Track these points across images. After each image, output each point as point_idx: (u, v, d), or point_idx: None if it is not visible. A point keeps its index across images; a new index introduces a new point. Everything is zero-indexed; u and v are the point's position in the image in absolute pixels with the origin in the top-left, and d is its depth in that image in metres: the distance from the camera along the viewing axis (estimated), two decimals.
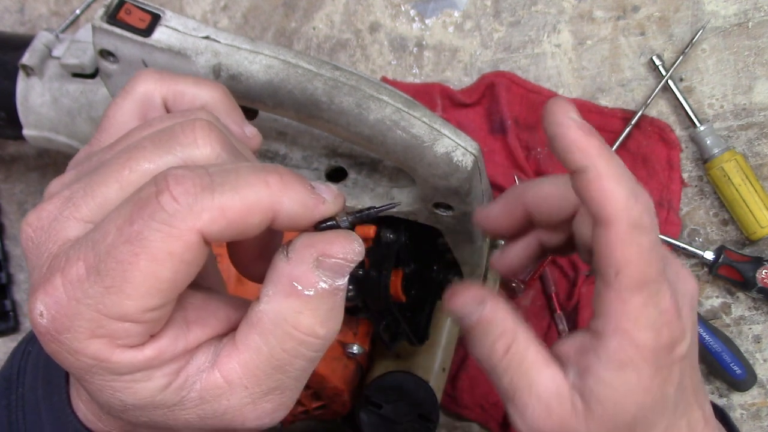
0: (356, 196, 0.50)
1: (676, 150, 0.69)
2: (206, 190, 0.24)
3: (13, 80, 0.59)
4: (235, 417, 0.27)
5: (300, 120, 0.44)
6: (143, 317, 0.25)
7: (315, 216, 0.27)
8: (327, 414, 0.59)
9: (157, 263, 0.24)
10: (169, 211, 0.24)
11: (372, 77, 0.45)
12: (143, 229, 0.24)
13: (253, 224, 0.25)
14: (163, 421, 0.27)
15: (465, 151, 0.42)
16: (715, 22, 0.69)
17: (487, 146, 0.70)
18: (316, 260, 0.26)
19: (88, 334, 0.24)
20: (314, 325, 0.27)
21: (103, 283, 0.24)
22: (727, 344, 0.65)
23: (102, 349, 0.25)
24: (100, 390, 0.26)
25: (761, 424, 0.68)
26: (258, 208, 0.25)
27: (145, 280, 0.24)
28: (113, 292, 0.24)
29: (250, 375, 0.27)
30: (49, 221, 0.26)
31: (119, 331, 0.24)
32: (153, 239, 0.24)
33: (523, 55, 0.71)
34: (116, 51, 0.43)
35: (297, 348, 0.27)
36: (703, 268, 0.69)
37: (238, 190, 0.25)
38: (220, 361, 0.27)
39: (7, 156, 0.76)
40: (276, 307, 0.26)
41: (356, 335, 0.56)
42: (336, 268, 0.27)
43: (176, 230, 0.24)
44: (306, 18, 0.73)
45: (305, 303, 0.26)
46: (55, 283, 0.24)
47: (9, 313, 0.75)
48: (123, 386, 0.26)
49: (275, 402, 0.28)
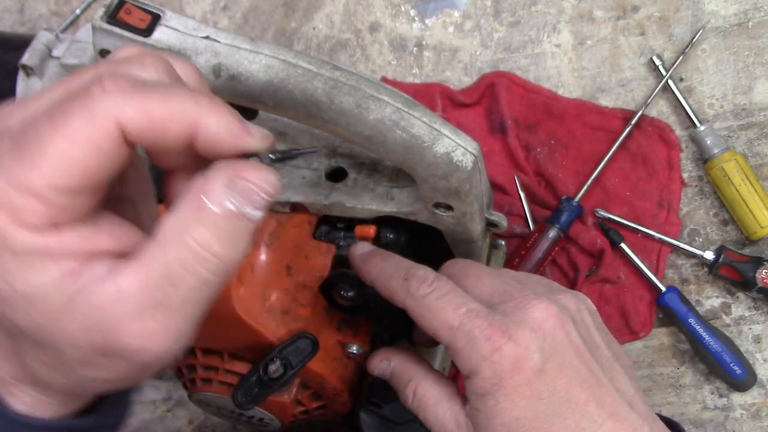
0: (356, 196, 0.50)
1: (676, 150, 0.69)
2: (136, 90, 0.26)
3: (13, 80, 0.59)
4: (118, 330, 0.26)
5: (300, 120, 0.44)
6: (48, 195, 0.25)
7: (239, 144, 0.28)
8: (327, 414, 0.59)
9: (73, 143, 0.25)
10: (95, 97, 0.25)
11: (372, 77, 0.45)
12: (67, 109, 0.25)
13: (174, 132, 0.26)
14: (46, 327, 0.27)
15: (465, 151, 0.42)
16: (715, 22, 0.69)
17: (487, 146, 0.70)
18: (228, 179, 0.27)
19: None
20: (212, 241, 0.26)
21: (18, 152, 0.25)
22: (727, 344, 0.65)
23: (4, 222, 0.25)
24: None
25: (761, 424, 0.68)
26: (181, 117, 0.26)
27: (58, 156, 0.25)
28: (26, 163, 0.25)
29: (140, 284, 0.26)
30: (2, 113, 0.27)
31: (23, 206, 0.25)
32: (73, 119, 0.25)
33: (523, 55, 0.71)
34: None
35: (191, 261, 0.26)
36: (703, 268, 0.69)
37: (166, 97, 0.26)
38: (116, 271, 0.26)
39: None
40: (180, 218, 0.27)
41: (356, 335, 0.56)
42: (247, 193, 0.27)
43: (97, 116, 0.25)
44: (306, 18, 0.73)
45: (208, 217, 0.27)
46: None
47: None
48: (17, 267, 0.25)
49: (160, 322, 0.27)
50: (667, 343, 0.69)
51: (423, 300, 0.41)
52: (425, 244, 0.54)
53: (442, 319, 0.40)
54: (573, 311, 0.41)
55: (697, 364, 0.69)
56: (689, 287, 0.69)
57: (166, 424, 0.75)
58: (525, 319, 0.39)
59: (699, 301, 0.69)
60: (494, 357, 0.38)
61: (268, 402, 0.54)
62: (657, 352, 0.70)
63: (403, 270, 0.43)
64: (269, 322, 0.49)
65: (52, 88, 0.27)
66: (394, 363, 0.45)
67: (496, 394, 0.38)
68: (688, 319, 0.66)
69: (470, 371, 0.39)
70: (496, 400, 0.38)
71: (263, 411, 0.55)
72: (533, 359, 0.38)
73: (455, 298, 0.40)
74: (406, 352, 0.45)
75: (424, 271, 0.43)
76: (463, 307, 0.40)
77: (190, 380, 0.55)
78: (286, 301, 0.51)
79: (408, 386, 0.44)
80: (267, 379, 0.48)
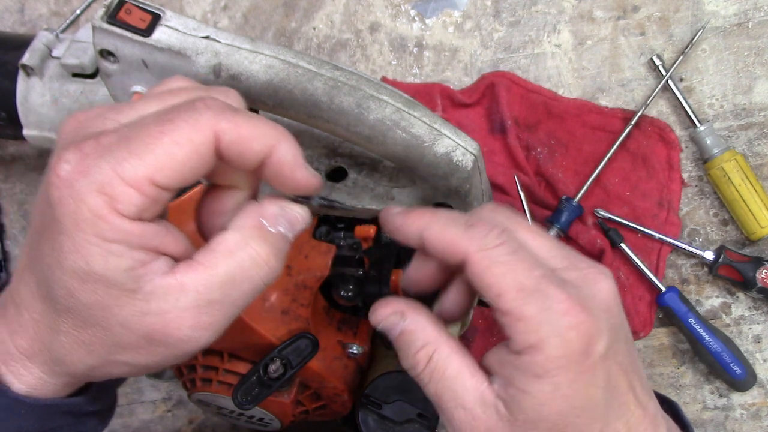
0: (356, 196, 0.50)
1: (676, 150, 0.69)
2: (230, 111, 0.31)
3: (13, 80, 0.59)
4: (175, 319, 0.31)
5: (300, 120, 0.44)
6: (146, 189, 0.29)
7: (297, 173, 0.33)
8: (327, 414, 0.59)
9: (178, 144, 0.29)
10: (200, 111, 0.30)
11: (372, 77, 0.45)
12: (175, 117, 0.29)
13: (254, 150, 0.31)
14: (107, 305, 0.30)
15: (465, 151, 0.42)
16: (715, 22, 0.69)
17: (487, 146, 0.70)
18: (280, 207, 0.34)
19: (97, 187, 0.28)
20: (270, 256, 0.32)
21: (129, 147, 0.29)
22: (727, 344, 0.65)
23: (101, 206, 0.28)
24: (77, 249, 0.29)
25: (761, 424, 0.68)
26: (263, 138, 0.31)
27: (163, 153, 0.29)
28: (134, 156, 0.28)
29: (203, 282, 0.31)
30: (93, 116, 0.31)
31: (122, 195, 0.28)
32: (181, 125, 0.29)
33: (523, 55, 0.71)
34: (116, 51, 0.43)
35: (251, 270, 0.32)
36: (703, 268, 0.69)
37: (253, 120, 0.31)
38: (177, 269, 0.31)
39: (7, 156, 0.76)
40: (244, 234, 0.32)
41: (356, 335, 0.56)
42: (293, 220, 0.34)
43: (200, 125, 0.30)
44: (306, 18, 0.73)
45: (267, 236, 0.33)
46: (89, 142, 0.29)
47: None
48: (99, 251, 0.29)
49: (212, 316, 0.31)
50: (667, 343, 0.69)
51: (493, 251, 0.34)
52: None
53: (514, 277, 0.33)
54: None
55: (697, 364, 0.69)
56: (689, 287, 0.69)
57: (166, 424, 0.75)
58: (596, 294, 0.35)
59: (699, 301, 0.69)
60: (570, 334, 0.32)
61: (268, 402, 0.54)
62: (657, 352, 0.70)
63: (463, 216, 0.36)
64: (269, 322, 0.49)
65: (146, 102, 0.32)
66: (409, 321, 0.37)
67: (557, 378, 0.32)
68: (688, 319, 0.66)
69: (531, 345, 0.33)
70: (555, 384, 0.33)
71: (263, 411, 0.55)
72: (603, 342, 0.33)
73: (528, 257, 0.34)
74: (422, 309, 0.38)
75: (488, 219, 0.36)
76: (538, 268, 0.34)
77: (190, 380, 0.55)
78: (286, 301, 0.51)
79: (422, 351, 0.36)
80: (267, 379, 0.48)
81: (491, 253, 0.34)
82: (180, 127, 0.29)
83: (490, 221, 0.35)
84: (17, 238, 0.76)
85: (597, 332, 0.33)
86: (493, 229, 0.34)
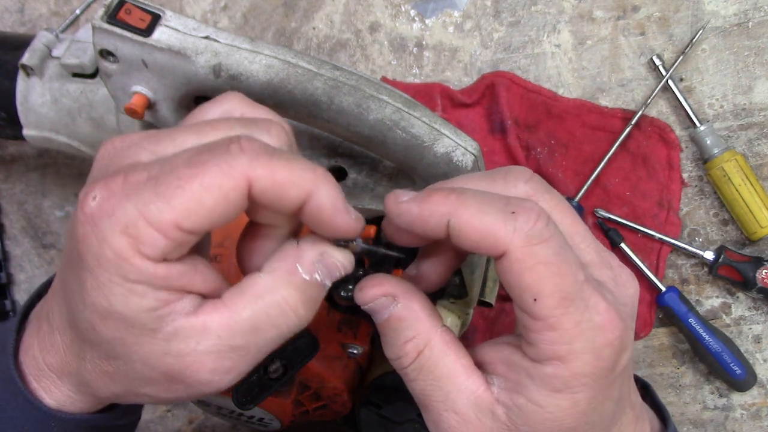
0: (356, 196, 0.50)
1: (676, 150, 0.69)
2: (268, 154, 0.29)
3: (13, 80, 0.59)
4: (195, 362, 0.30)
5: (300, 120, 0.44)
6: (172, 233, 0.28)
7: (336, 219, 0.30)
8: (327, 414, 0.59)
9: (207, 190, 0.28)
10: (233, 155, 0.28)
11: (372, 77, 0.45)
12: (208, 161, 0.28)
13: (291, 196, 0.29)
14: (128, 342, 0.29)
15: (465, 151, 0.42)
16: (715, 22, 0.69)
17: (487, 146, 0.70)
18: (320, 254, 0.31)
19: (122, 229, 0.27)
20: (299, 304, 0.31)
21: (156, 189, 0.27)
22: (727, 344, 0.65)
23: (125, 247, 0.28)
24: (99, 287, 0.28)
25: (761, 424, 0.68)
26: (300, 184, 0.29)
27: (192, 199, 0.27)
28: (161, 199, 0.27)
29: (227, 327, 0.30)
30: (129, 144, 0.30)
31: (147, 238, 0.27)
32: (212, 170, 0.28)
33: (523, 55, 0.71)
34: (116, 51, 0.43)
35: (277, 317, 0.30)
36: (703, 268, 0.69)
37: (291, 164, 0.29)
38: (203, 309, 0.30)
39: (7, 156, 0.76)
40: (276, 279, 0.30)
41: (356, 335, 0.56)
42: (332, 268, 0.31)
43: (233, 171, 0.28)
44: (306, 18, 0.73)
45: (301, 283, 0.31)
46: (117, 179, 0.28)
47: (9, 313, 0.74)
48: (121, 291, 0.28)
49: (234, 362, 0.30)
50: (667, 343, 0.69)
51: (538, 248, 0.29)
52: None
53: (558, 282, 0.29)
54: None
55: (697, 364, 0.69)
56: (689, 287, 0.69)
57: (166, 424, 0.75)
58: (627, 301, 0.32)
59: (699, 301, 0.69)
60: (604, 352, 0.29)
61: (268, 402, 0.54)
62: (657, 352, 0.70)
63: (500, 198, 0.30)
64: None
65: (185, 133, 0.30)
66: (401, 306, 0.33)
67: (578, 395, 0.30)
68: (688, 319, 0.66)
69: (558, 357, 0.29)
70: (575, 401, 0.30)
71: (263, 411, 0.55)
72: (627, 354, 0.31)
73: (572, 257, 0.30)
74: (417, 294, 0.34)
75: (530, 203, 0.30)
76: (581, 271, 0.30)
77: None
78: None
79: (411, 343, 0.33)
80: (267, 379, 0.48)
81: (536, 250, 0.29)
82: (211, 172, 0.28)
83: (534, 206, 0.30)
84: (17, 238, 0.76)
85: (626, 345, 0.31)
86: (539, 217, 0.29)
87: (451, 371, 0.32)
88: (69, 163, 0.75)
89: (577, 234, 0.32)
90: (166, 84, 0.43)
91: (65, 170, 0.75)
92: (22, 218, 0.76)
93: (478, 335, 0.69)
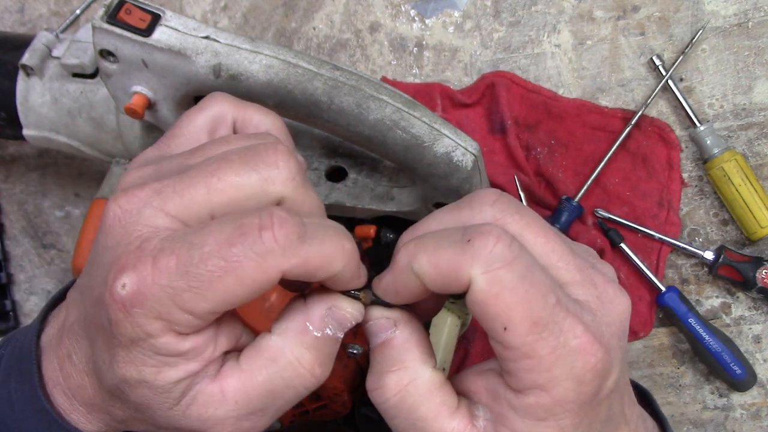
0: (356, 196, 0.50)
1: (676, 150, 0.69)
2: (300, 239, 0.28)
3: (13, 80, 0.59)
4: (215, 425, 0.30)
5: (300, 120, 0.44)
6: (204, 317, 0.28)
7: (350, 285, 0.31)
8: (327, 414, 0.59)
9: (240, 285, 0.27)
10: (267, 248, 0.27)
11: (372, 77, 0.45)
12: (241, 256, 0.27)
13: (319, 277, 0.29)
14: (154, 407, 0.30)
15: (465, 150, 0.42)
16: (715, 22, 0.69)
17: (487, 146, 0.70)
18: (329, 308, 0.31)
19: (155, 315, 0.28)
20: (314, 363, 0.31)
21: (189, 283, 0.27)
22: (727, 344, 0.65)
23: (159, 330, 0.28)
24: (132, 361, 0.29)
25: (761, 424, 0.68)
26: (330, 266, 0.29)
27: (225, 293, 0.27)
28: (195, 293, 0.27)
29: (243, 393, 0.30)
30: (138, 207, 0.29)
31: (181, 321, 0.28)
32: (246, 265, 0.27)
33: (523, 55, 0.71)
34: (116, 51, 0.42)
35: (293, 379, 0.30)
36: (703, 268, 0.69)
37: (323, 246, 0.29)
38: (222, 374, 0.30)
39: (7, 156, 0.76)
40: (287, 340, 0.30)
41: (356, 335, 0.56)
42: (342, 320, 0.31)
43: (268, 266, 0.27)
44: (306, 18, 0.73)
45: (313, 342, 0.31)
46: (146, 265, 0.28)
47: (9, 313, 0.74)
48: (154, 363, 0.29)
49: (253, 423, 0.31)
50: (667, 343, 0.69)
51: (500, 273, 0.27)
52: None
53: (526, 308, 0.27)
54: None
55: (697, 364, 0.69)
56: (689, 287, 0.69)
57: None
58: (613, 320, 0.30)
59: (699, 301, 0.69)
60: (586, 376, 0.28)
61: None
62: (657, 352, 0.70)
63: (457, 230, 0.29)
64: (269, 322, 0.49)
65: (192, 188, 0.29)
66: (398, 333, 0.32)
67: (562, 421, 0.29)
68: (688, 319, 0.66)
69: (538, 386, 0.28)
70: (560, 427, 0.29)
71: None
72: (614, 376, 0.30)
73: (542, 277, 0.28)
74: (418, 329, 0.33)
75: (488, 226, 0.29)
76: (552, 293, 0.28)
77: None
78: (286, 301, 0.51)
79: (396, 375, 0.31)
80: None
81: (499, 275, 0.27)
82: (245, 268, 0.27)
83: (491, 228, 0.28)
84: (17, 238, 0.76)
85: (611, 367, 0.29)
86: (498, 239, 0.28)
87: (436, 413, 0.31)
88: (69, 163, 0.75)
89: (553, 252, 0.30)
90: (166, 84, 0.43)
91: (65, 170, 0.75)
92: (22, 218, 0.76)
93: (478, 335, 0.69)
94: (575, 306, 0.29)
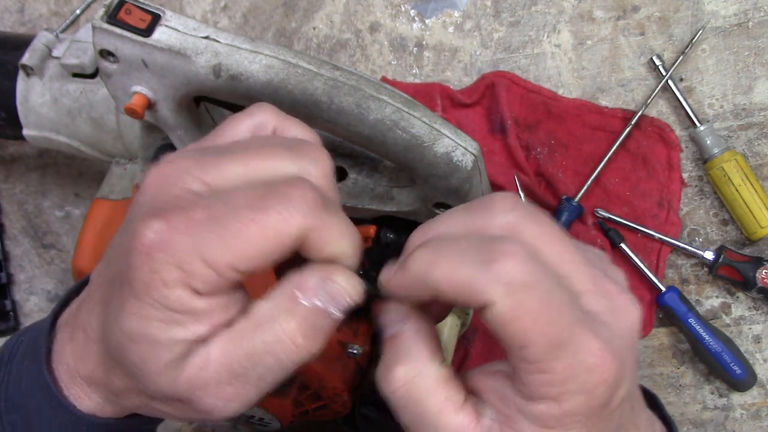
0: (356, 196, 0.50)
1: (676, 150, 0.69)
2: (323, 208, 0.29)
3: (13, 80, 0.59)
4: (199, 389, 0.30)
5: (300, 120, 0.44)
6: (225, 273, 0.28)
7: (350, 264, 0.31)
8: (327, 414, 0.59)
9: (265, 237, 0.28)
10: (295, 205, 0.29)
11: (372, 77, 0.45)
12: (269, 207, 0.28)
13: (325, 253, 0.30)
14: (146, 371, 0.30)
15: (465, 151, 0.42)
16: (715, 22, 0.69)
17: (487, 146, 0.70)
18: (320, 278, 0.30)
19: (177, 263, 0.28)
20: (296, 332, 0.30)
21: (216, 231, 0.28)
22: (727, 344, 0.65)
23: (176, 280, 0.28)
24: (140, 312, 0.29)
25: (761, 424, 0.68)
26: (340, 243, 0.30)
27: (248, 243, 0.28)
28: (220, 240, 0.28)
29: (226, 356, 0.30)
30: (178, 173, 0.30)
31: (201, 275, 0.28)
32: (272, 216, 0.28)
33: (523, 55, 0.71)
34: (116, 51, 0.43)
35: (273, 345, 0.30)
36: (703, 268, 0.69)
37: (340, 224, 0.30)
38: (211, 339, 0.30)
39: (7, 156, 0.76)
40: (273, 305, 0.30)
41: (356, 335, 0.56)
42: (334, 294, 0.30)
43: (292, 219, 0.28)
44: (306, 18, 0.73)
45: (297, 310, 0.30)
46: (178, 215, 0.29)
47: (9, 313, 0.74)
48: (162, 318, 0.29)
49: (235, 390, 0.30)
50: (667, 343, 0.69)
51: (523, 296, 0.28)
52: None
53: (546, 330, 0.28)
54: None
55: (697, 364, 0.69)
56: (689, 287, 0.69)
57: (166, 424, 0.75)
58: (624, 333, 0.31)
59: (699, 301, 0.69)
60: (597, 390, 0.29)
61: (268, 402, 0.54)
62: (657, 352, 0.70)
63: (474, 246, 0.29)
64: None
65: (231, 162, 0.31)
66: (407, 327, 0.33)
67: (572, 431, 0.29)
68: (688, 319, 0.66)
69: (550, 397, 0.29)
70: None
71: (263, 411, 0.55)
72: (625, 387, 0.30)
73: (561, 296, 0.29)
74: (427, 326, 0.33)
75: (509, 244, 0.28)
76: (571, 312, 0.28)
77: None
78: None
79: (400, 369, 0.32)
80: None
81: (520, 299, 0.27)
82: (271, 219, 0.28)
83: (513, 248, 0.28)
84: (17, 238, 0.76)
85: (622, 379, 0.29)
86: (520, 261, 0.28)
87: (441, 408, 0.31)
88: (69, 163, 0.75)
89: (569, 262, 0.31)
90: (166, 84, 0.43)
91: (65, 170, 0.75)
92: (22, 218, 0.76)
93: (479, 335, 0.69)
94: (591, 320, 0.29)
